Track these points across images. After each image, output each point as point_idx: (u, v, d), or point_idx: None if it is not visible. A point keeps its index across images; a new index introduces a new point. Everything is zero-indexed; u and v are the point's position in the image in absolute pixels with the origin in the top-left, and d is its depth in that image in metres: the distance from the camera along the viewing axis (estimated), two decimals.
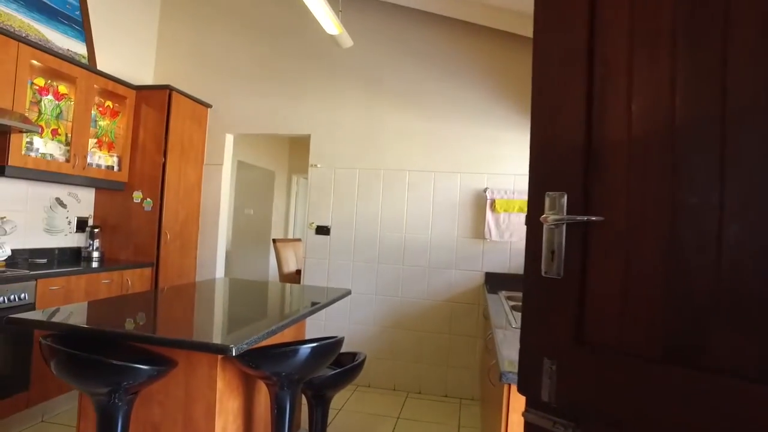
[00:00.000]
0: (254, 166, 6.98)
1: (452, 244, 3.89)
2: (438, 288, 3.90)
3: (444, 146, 3.95)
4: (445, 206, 3.92)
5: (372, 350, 3.98)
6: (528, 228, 1.02)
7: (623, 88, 0.82)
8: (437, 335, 3.89)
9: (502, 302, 2.85)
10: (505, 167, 3.85)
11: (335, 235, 4.09)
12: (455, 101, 3.96)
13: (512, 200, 3.73)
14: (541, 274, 0.92)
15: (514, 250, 3.80)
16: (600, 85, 0.86)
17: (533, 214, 0.97)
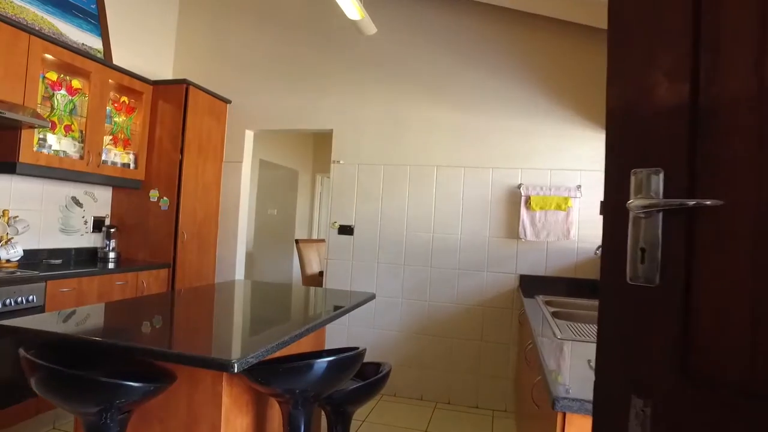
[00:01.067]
0: (277, 164, 6.83)
1: (484, 245, 3.64)
2: (468, 291, 3.65)
3: (474, 140, 3.70)
4: (475, 204, 3.67)
5: (398, 357, 3.75)
6: (605, 218, 0.78)
7: (753, 17, 0.58)
8: (467, 342, 3.64)
9: (541, 308, 2.59)
10: (541, 161, 3.58)
11: (359, 235, 3.88)
12: (485, 92, 3.70)
13: (549, 197, 3.45)
14: (625, 280, 0.68)
15: (551, 250, 3.52)
16: (713, 15, 0.61)
17: (612, 200, 0.73)
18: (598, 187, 3.47)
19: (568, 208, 3.41)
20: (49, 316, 1.93)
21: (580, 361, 1.61)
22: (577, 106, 3.55)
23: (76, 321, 1.78)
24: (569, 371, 1.48)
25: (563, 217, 3.42)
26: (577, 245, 3.48)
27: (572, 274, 3.48)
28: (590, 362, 1.55)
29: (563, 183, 3.52)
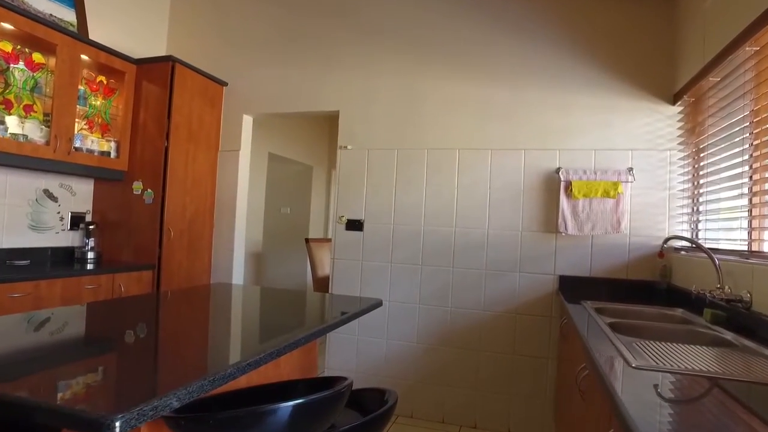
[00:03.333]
0: (289, 159, 6.37)
1: (515, 241, 3.07)
2: (498, 296, 3.09)
3: (503, 117, 3.15)
4: (505, 192, 3.11)
5: (415, 373, 3.21)
6: None
7: None
8: (497, 356, 3.08)
9: (593, 317, 2.02)
10: (583, 140, 3.00)
11: (369, 230, 3.37)
12: (515, 60, 3.14)
13: (593, 182, 2.87)
14: None
15: (597, 246, 2.94)
16: None
17: None
18: (654, 169, 2.87)
19: (618, 195, 2.82)
20: None
21: (681, 409, 1.06)
22: (627, 72, 2.96)
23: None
24: (656, 414, 0.94)
25: (612, 206, 2.83)
26: (629, 239, 2.89)
27: (624, 275, 2.89)
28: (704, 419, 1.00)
29: (611, 165, 2.93)
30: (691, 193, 2.71)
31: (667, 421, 0.96)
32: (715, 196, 2.44)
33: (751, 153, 2.10)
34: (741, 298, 1.87)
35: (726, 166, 2.30)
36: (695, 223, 2.68)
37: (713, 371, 1.30)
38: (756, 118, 2.06)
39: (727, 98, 2.32)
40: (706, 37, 2.44)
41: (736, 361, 1.43)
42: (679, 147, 2.85)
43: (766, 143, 1.99)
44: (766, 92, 1.98)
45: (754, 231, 2.07)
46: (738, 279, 1.96)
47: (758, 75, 2.06)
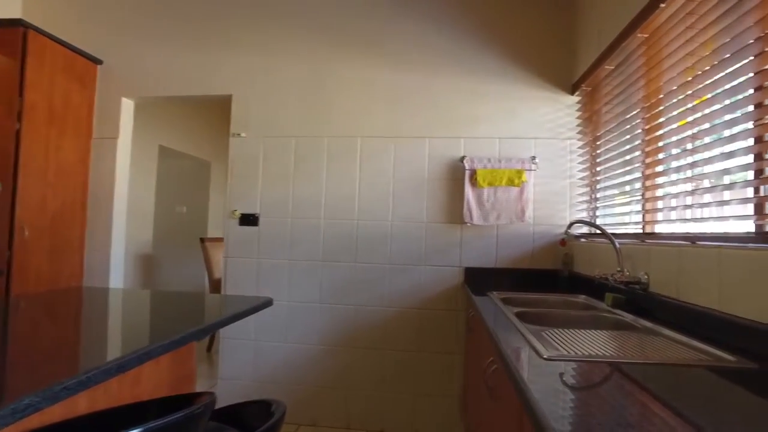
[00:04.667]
0: (184, 154, 5.87)
1: (420, 232, 2.95)
2: (402, 291, 2.95)
3: (407, 105, 3.01)
4: (409, 183, 2.97)
5: (318, 377, 2.98)
6: None
7: None
8: (403, 354, 2.93)
9: (501, 308, 1.92)
10: (487, 129, 2.94)
11: (266, 225, 3.09)
12: (421, 48, 3.03)
13: (498, 170, 2.81)
14: None
15: (502, 236, 2.88)
16: None
17: None
18: (555, 158, 2.87)
19: (522, 184, 2.78)
20: None
21: (596, 402, 0.93)
22: (530, 62, 2.94)
23: None
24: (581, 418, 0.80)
25: (516, 195, 2.79)
26: (533, 228, 2.87)
27: (528, 264, 2.86)
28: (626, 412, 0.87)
29: (515, 154, 2.89)
30: (589, 180, 2.74)
31: (582, 414, 0.82)
32: (611, 182, 2.46)
33: (643, 138, 2.12)
34: (639, 280, 1.85)
35: (620, 152, 2.32)
36: (593, 210, 2.70)
37: (621, 356, 1.21)
38: (647, 104, 2.08)
39: (620, 86, 2.33)
40: (602, 27, 2.45)
41: (639, 344, 1.37)
42: (578, 136, 2.88)
43: (656, 127, 2.00)
44: (655, 77, 1.99)
45: (648, 213, 2.08)
46: (636, 262, 1.94)
47: (648, 61, 2.07)
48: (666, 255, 1.72)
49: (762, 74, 1.38)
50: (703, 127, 1.67)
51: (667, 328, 1.52)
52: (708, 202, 1.64)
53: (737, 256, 1.34)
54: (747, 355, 1.22)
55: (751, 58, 1.42)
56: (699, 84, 1.68)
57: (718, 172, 1.55)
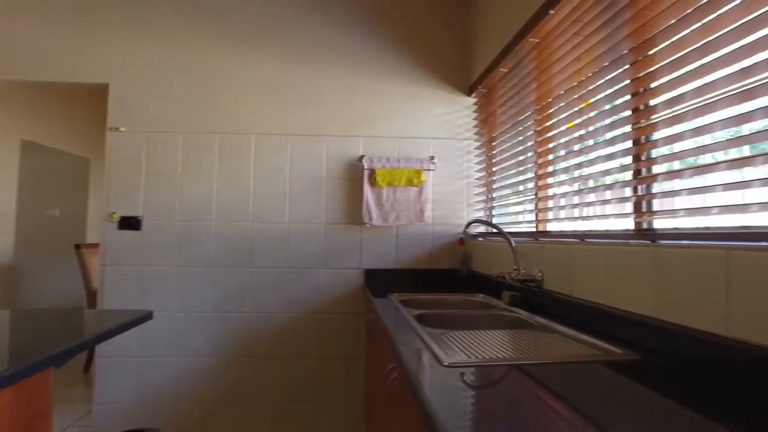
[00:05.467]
0: (55, 150, 5.25)
1: (319, 234, 2.84)
2: (301, 295, 2.82)
3: (305, 101, 2.89)
4: (307, 183, 2.86)
5: (212, 392, 2.77)
6: None
7: None
8: (303, 361, 2.81)
9: (401, 311, 1.87)
10: (387, 128, 2.91)
11: (150, 229, 2.81)
12: (320, 43, 2.92)
13: (397, 170, 2.79)
14: None
15: (402, 236, 2.87)
16: None
17: None
18: (453, 158, 2.91)
19: (421, 184, 2.78)
20: None
21: (500, 411, 0.89)
22: (430, 63, 2.95)
23: None
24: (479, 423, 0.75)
25: (415, 195, 2.78)
26: (432, 228, 2.88)
27: (428, 264, 2.87)
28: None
29: (414, 153, 2.89)
30: (486, 180, 2.80)
31: (483, 426, 0.77)
32: (506, 182, 2.53)
33: (535, 139, 2.19)
34: (534, 278, 1.90)
35: (514, 153, 2.38)
36: (490, 209, 2.77)
37: (518, 357, 1.20)
38: (538, 106, 2.15)
39: (514, 88, 2.40)
40: (498, 30, 2.51)
41: (535, 342, 1.38)
42: (475, 137, 2.94)
43: (547, 129, 2.07)
44: (546, 81, 2.07)
45: (540, 212, 2.16)
46: (531, 260, 2.00)
47: (539, 65, 2.15)
48: (558, 253, 1.78)
49: (637, 81, 1.46)
50: (588, 129, 1.74)
51: (561, 324, 1.56)
52: (593, 201, 1.71)
53: (620, 253, 1.40)
54: (632, 346, 1.27)
55: (627, 66, 1.49)
56: (584, 88, 1.75)
57: (602, 173, 1.62)
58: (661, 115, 1.36)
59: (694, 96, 1.22)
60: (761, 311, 0.94)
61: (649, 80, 1.42)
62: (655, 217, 1.41)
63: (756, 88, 1.05)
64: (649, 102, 1.44)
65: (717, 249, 1.06)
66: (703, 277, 1.09)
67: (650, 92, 1.42)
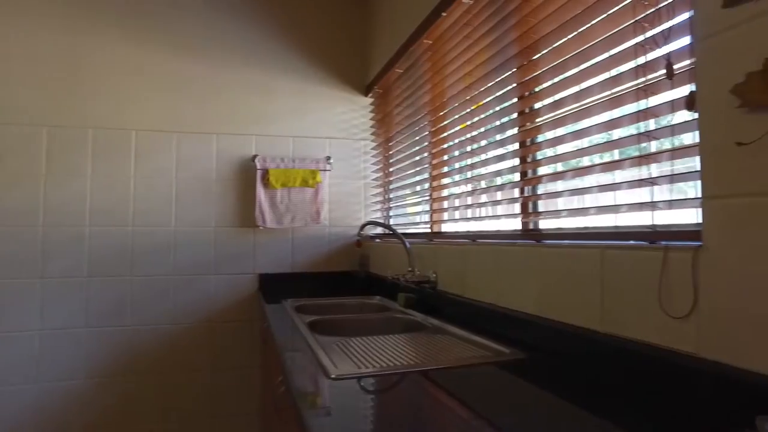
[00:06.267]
0: None
1: (209, 238, 2.66)
2: (191, 304, 2.62)
3: (193, 96, 2.68)
4: (195, 183, 2.66)
5: (87, 418, 2.48)
6: None
7: None
8: (195, 374, 2.61)
9: (293, 318, 1.78)
10: (281, 127, 2.79)
11: (5, 236, 2.45)
12: (212, 34, 2.72)
13: (292, 170, 2.68)
14: None
15: (297, 239, 2.76)
16: None
17: None
18: (350, 158, 2.86)
19: (317, 185, 2.70)
20: None
21: (388, 427, 0.84)
22: (327, 61, 2.88)
23: None
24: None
25: (311, 196, 2.70)
26: (329, 230, 2.81)
27: (325, 267, 2.80)
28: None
29: (310, 153, 2.80)
30: (383, 181, 2.79)
31: None
32: (403, 182, 2.53)
33: (429, 140, 2.20)
34: (429, 279, 1.90)
35: (410, 154, 2.39)
36: (387, 210, 2.76)
37: (411, 364, 1.17)
38: (432, 107, 2.16)
39: (409, 89, 2.40)
40: (393, 31, 2.50)
41: (428, 346, 1.36)
42: (372, 137, 2.91)
43: (441, 130, 2.09)
44: (439, 82, 2.08)
45: (435, 213, 2.17)
46: (425, 261, 2.00)
47: (433, 66, 2.16)
48: (451, 254, 1.79)
49: (522, 85, 1.49)
50: (480, 130, 1.77)
51: (454, 326, 1.56)
52: (485, 202, 1.74)
53: (508, 253, 1.42)
54: (519, 345, 1.29)
55: (514, 70, 1.53)
56: (475, 90, 1.78)
57: (493, 173, 1.65)
58: (545, 118, 1.40)
59: (573, 101, 1.26)
60: (630, 307, 0.98)
61: (533, 84, 1.46)
62: (540, 218, 1.45)
63: (623, 96, 1.10)
64: (534, 105, 1.48)
65: (593, 248, 1.10)
66: (581, 275, 1.12)
67: (534, 96, 1.46)
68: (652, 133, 1.04)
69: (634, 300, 0.98)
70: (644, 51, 1.04)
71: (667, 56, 0.97)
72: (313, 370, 1.11)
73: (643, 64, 1.04)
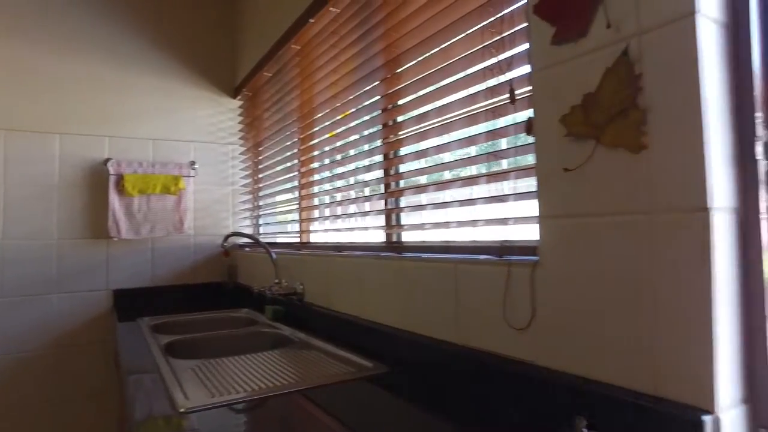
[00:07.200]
0: None
1: (50, 252, 2.34)
2: (28, 330, 2.29)
3: (31, 90, 2.34)
4: (31, 189, 2.32)
5: None
6: None
7: None
8: (37, 409, 2.29)
9: (148, 340, 1.63)
10: (140, 128, 2.55)
11: None
12: (53, 14, 2.39)
13: (151, 176, 2.47)
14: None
15: (159, 250, 2.55)
16: None
17: None
18: (217, 163, 2.71)
19: (180, 191, 2.52)
20: None
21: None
22: (192, 60, 2.68)
23: None
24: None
25: (173, 204, 2.50)
26: (195, 239, 2.63)
27: (191, 279, 2.61)
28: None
29: (172, 158, 2.59)
30: (252, 188, 2.68)
31: None
32: (272, 190, 2.45)
33: (298, 147, 2.15)
34: (296, 291, 1.86)
35: (280, 160, 2.32)
36: (257, 218, 2.66)
37: (275, 387, 1.11)
38: (301, 114, 2.12)
39: (278, 93, 2.33)
40: (262, 33, 2.40)
41: (294, 364, 1.32)
42: (240, 141, 2.78)
43: (309, 137, 2.06)
44: (308, 88, 2.05)
45: (304, 223, 2.13)
46: (293, 272, 1.95)
47: (302, 72, 2.12)
48: (318, 265, 1.76)
49: (387, 97, 1.51)
50: (348, 140, 1.76)
51: (321, 340, 1.54)
52: (353, 212, 1.74)
53: (372, 265, 1.43)
54: (382, 359, 1.30)
55: (379, 82, 1.54)
56: (342, 99, 1.77)
57: (362, 184, 1.66)
58: (407, 131, 1.43)
59: (434, 116, 1.30)
60: (480, 320, 1.03)
61: (396, 97, 1.48)
62: (402, 230, 1.48)
63: (477, 114, 1.15)
64: (397, 118, 1.51)
65: (447, 263, 1.14)
66: (438, 289, 1.16)
67: (397, 109, 1.49)
68: (499, 153, 1.10)
69: (483, 313, 1.03)
70: (492, 75, 1.10)
71: (510, 82, 1.03)
72: (160, 403, 1.02)
73: (492, 87, 1.10)
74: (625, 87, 0.75)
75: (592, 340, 0.80)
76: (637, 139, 0.74)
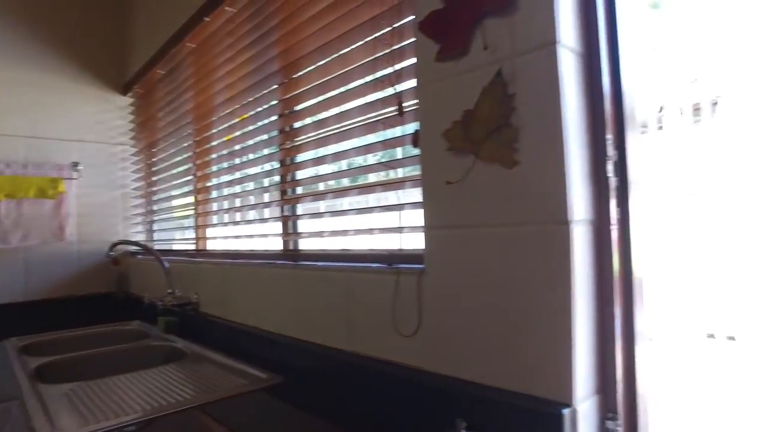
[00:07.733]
0: None
1: None
2: None
3: None
4: None
5: None
6: None
7: None
8: None
9: (13, 363, 1.47)
10: (10, 125, 2.29)
11: None
12: None
13: (24, 178, 2.23)
14: None
15: (34, 260, 2.31)
16: None
17: None
18: (105, 165, 2.52)
19: (60, 195, 2.30)
20: None
21: None
22: (75, 52, 2.46)
23: None
24: None
25: (52, 209, 2.28)
26: (78, 247, 2.42)
27: (75, 290, 2.40)
28: None
29: (50, 158, 2.36)
30: (145, 192, 2.52)
31: None
32: (167, 194, 2.32)
33: (194, 150, 2.06)
34: (190, 301, 1.78)
35: (175, 163, 2.20)
36: (150, 224, 2.51)
37: (164, 407, 1.05)
38: (196, 115, 2.03)
39: (172, 92, 2.21)
40: (155, 29, 2.27)
41: (188, 380, 1.26)
42: (132, 142, 2.61)
43: (206, 140, 1.98)
44: (204, 89, 1.96)
45: (200, 229, 2.04)
46: (188, 281, 1.86)
47: (197, 71, 2.03)
48: (213, 273, 1.70)
49: (284, 103, 1.49)
50: (245, 144, 1.71)
51: (215, 352, 1.49)
52: (251, 219, 1.69)
53: (268, 274, 1.40)
54: (277, 369, 1.28)
55: (276, 86, 1.52)
56: (239, 103, 1.72)
57: (260, 190, 1.62)
58: (303, 138, 1.41)
59: (332, 123, 1.30)
60: (371, 327, 1.05)
61: (294, 103, 1.47)
62: (299, 238, 1.47)
63: (372, 124, 1.17)
64: (294, 124, 1.49)
65: (341, 272, 1.14)
66: (332, 297, 1.16)
67: (294, 115, 1.47)
68: (389, 163, 1.13)
69: (374, 320, 1.05)
70: (383, 86, 1.13)
71: (399, 95, 1.06)
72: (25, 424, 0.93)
73: (382, 98, 1.12)
74: (499, 106, 0.80)
75: (471, 345, 0.84)
76: (510, 156, 0.79)
